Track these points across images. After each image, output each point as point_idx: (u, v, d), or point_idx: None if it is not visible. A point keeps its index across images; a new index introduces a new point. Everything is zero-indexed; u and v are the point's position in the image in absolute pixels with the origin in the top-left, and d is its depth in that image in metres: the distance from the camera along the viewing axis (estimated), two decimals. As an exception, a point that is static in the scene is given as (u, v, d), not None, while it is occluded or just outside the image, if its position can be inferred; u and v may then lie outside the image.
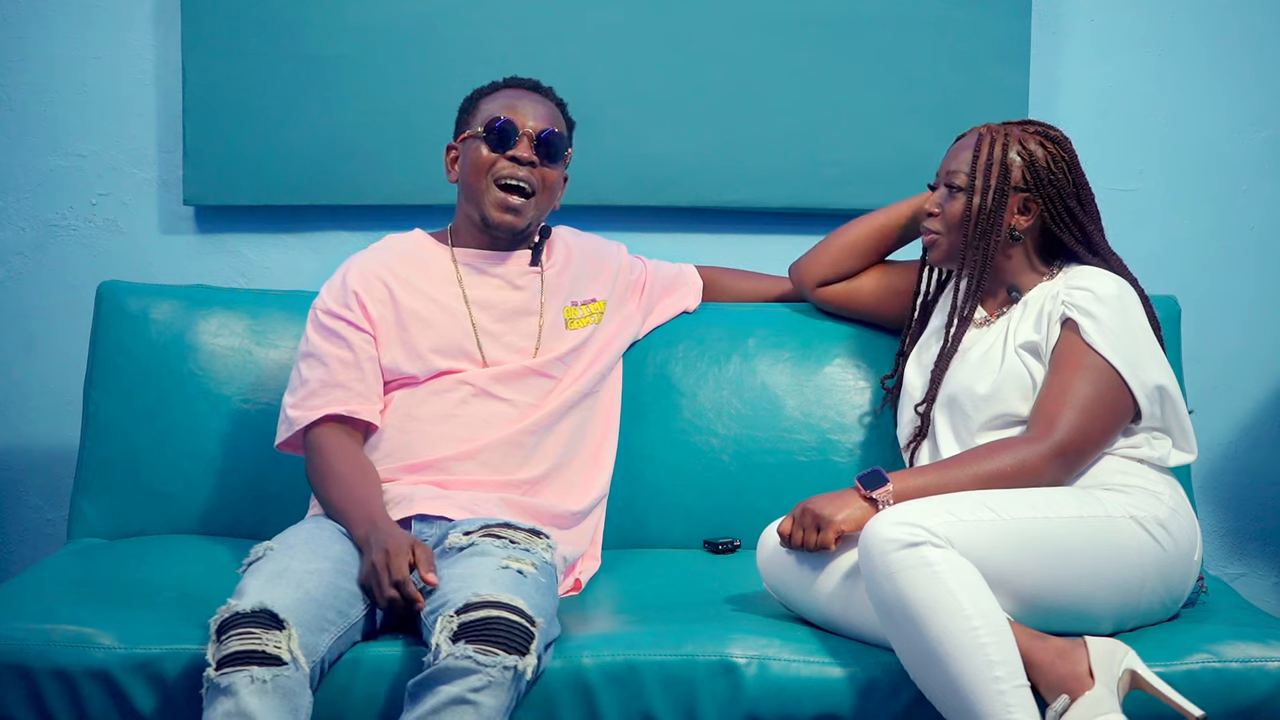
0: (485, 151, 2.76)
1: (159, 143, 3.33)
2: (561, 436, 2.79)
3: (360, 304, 2.75)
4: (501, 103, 2.79)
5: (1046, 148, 2.70)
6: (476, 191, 2.77)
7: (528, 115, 2.77)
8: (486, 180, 2.76)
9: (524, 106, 2.78)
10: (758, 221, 3.37)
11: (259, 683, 2.27)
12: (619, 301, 2.94)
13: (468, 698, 2.27)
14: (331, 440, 2.69)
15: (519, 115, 2.77)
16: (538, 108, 2.79)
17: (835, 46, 3.28)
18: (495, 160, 2.76)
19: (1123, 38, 3.36)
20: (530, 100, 2.80)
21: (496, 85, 2.84)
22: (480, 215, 2.78)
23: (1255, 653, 2.46)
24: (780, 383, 3.03)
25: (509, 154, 2.75)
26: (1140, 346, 2.61)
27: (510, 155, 2.75)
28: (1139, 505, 2.51)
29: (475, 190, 2.78)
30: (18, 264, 3.35)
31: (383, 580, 2.43)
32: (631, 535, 2.97)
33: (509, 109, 2.78)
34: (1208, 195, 3.40)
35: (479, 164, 2.76)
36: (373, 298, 2.76)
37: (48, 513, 3.40)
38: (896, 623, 2.35)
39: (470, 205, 2.80)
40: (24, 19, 3.29)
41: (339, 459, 2.67)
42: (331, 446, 2.69)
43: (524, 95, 2.81)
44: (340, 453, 2.68)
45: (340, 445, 2.69)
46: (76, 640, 2.42)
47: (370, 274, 2.78)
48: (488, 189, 2.76)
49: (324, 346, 2.73)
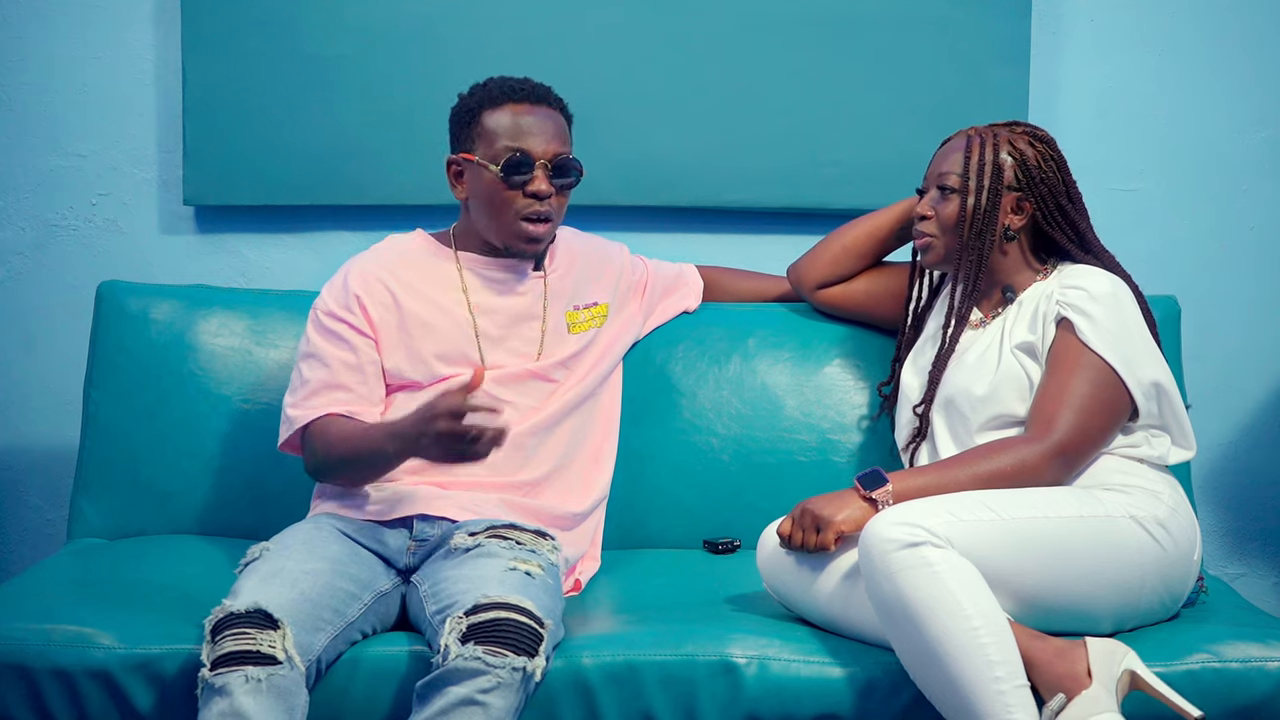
0: (503, 190, 2.71)
1: (159, 143, 3.33)
2: (562, 438, 2.79)
3: (362, 307, 2.73)
4: (509, 123, 2.72)
5: (1036, 147, 2.71)
6: (497, 225, 2.74)
7: (538, 139, 2.71)
8: (508, 215, 2.72)
9: (533, 128, 2.72)
10: (758, 221, 3.37)
11: (254, 682, 2.27)
12: (621, 304, 2.94)
13: (477, 699, 2.27)
14: (330, 423, 2.67)
15: (530, 143, 2.71)
16: (545, 125, 2.73)
17: (835, 46, 3.28)
18: (515, 197, 2.71)
19: (1123, 38, 3.36)
20: (537, 118, 2.73)
21: (494, 95, 2.75)
22: (502, 243, 2.76)
23: (1255, 653, 2.46)
24: (780, 383, 3.03)
25: (528, 190, 2.70)
26: (1136, 344, 2.61)
27: (530, 192, 2.71)
28: (1139, 505, 2.51)
29: (494, 223, 2.74)
30: (18, 264, 3.35)
31: (441, 420, 2.43)
32: (631, 535, 2.97)
33: (518, 134, 2.71)
34: (1208, 195, 3.40)
35: (496, 201, 2.72)
36: (375, 301, 2.74)
37: (48, 513, 3.40)
38: (896, 623, 2.35)
39: (487, 230, 2.76)
40: (24, 19, 3.29)
41: (338, 426, 2.65)
42: (332, 427, 2.66)
43: (529, 112, 2.73)
44: (340, 422, 2.67)
45: (339, 422, 2.67)
46: (76, 640, 2.42)
47: (372, 277, 2.76)
48: (511, 222, 2.73)
49: (325, 347, 2.72)
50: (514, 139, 2.71)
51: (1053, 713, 2.31)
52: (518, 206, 2.72)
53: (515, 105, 2.74)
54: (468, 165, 2.75)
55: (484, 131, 2.73)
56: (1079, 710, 2.29)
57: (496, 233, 2.75)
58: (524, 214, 2.72)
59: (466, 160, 2.75)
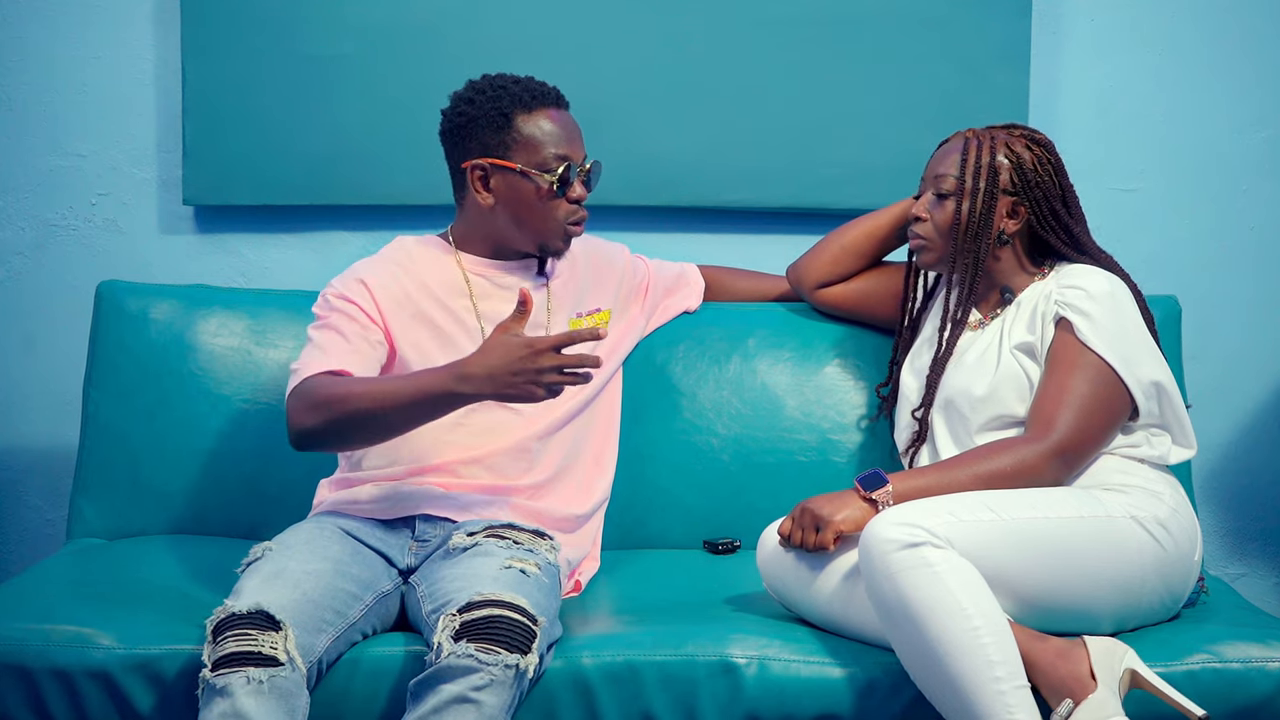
0: (549, 198, 2.69)
1: (159, 143, 3.33)
2: (565, 442, 2.78)
3: (373, 297, 2.69)
4: (552, 131, 2.69)
5: (1033, 150, 2.70)
6: (535, 230, 2.72)
7: (577, 146, 2.72)
8: (554, 222, 2.71)
9: (572, 134, 2.72)
10: (758, 221, 3.37)
11: (255, 683, 2.27)
12: (623, 308, 2.94)
13: (470, 696, 2.27)
14: (342, 377, 2.57)
15: (573, 150, 2.71)
16: (577, 130, 2.73)
17: (835, 46, 3.28)
18: (559, 204, 2.71)
19: (1123, 38, 3.36)
20: (568, 125, 2.72)
21: (523, 99, 2.71)
22: (537, 246, 2.75)
23: (1255, 653, 2.46)
24: (780, 383, 3.03)
25: (572, 197, 2.71)
26: (1134, 343, 2.61)
27: (574, 199, 2.71)
28: (1139, 505, 2.51)
29: (536, 229, 2.72)
30: (18, 264, 3.35)
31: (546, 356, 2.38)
32: (632, 535, 2.97)
33: (561, 142, 2.69)
34: (1208, 195, 3.40)
35: (540, 208, 2.70)
36: (387, 295, 2.70)
37: (48, 513, 3.40)
38: (897, 623, 2.35)
39: (521, 236, 2.74)
40: (24, 19, 3.29)
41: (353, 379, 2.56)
42: (347, 379, 2.56)
43: (559, 118, 2.72)
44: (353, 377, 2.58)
45: (351, 377, 2.57)
46: (76, 640, 2.42)
47: (386, 274, 2.73)
48: (555, 227, 2.72)
49: (334, 318, 2.66)
50: (559, 146, 2.70)
51: (1061, 718, 2.31)
52: (563, 214, 2.72)
53: (548, 110, 2.72)
54: (501, 172, 2.71)
55: (524, 139, 2.69)
56: (1087, 714, 2.29)
57: (535, 237, 2.74)
58: (570, 220, 2.72)
59: (502, 167, 2.70)
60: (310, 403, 2.53)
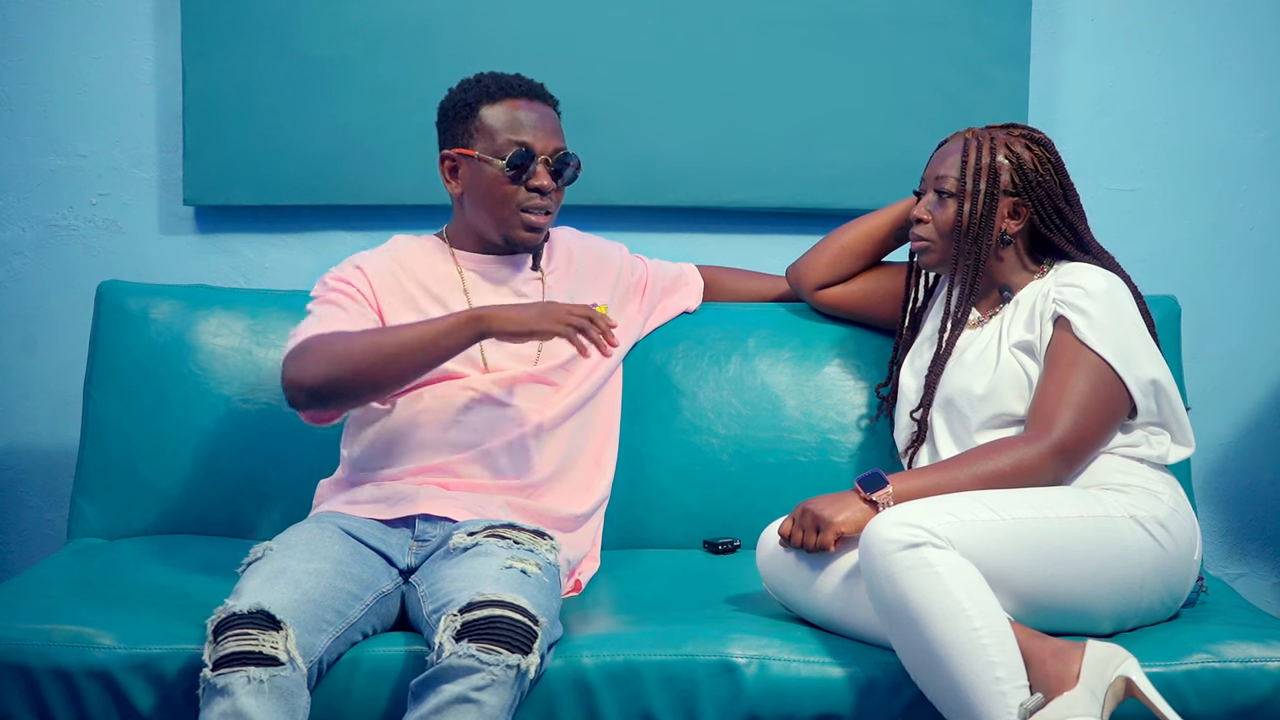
0: (505, 184, 2.72)
1: (159, 143, 3.33)
2: (563, 441, 2.79)
3: (371, 286, 2.72)
4: (510, 118, 2.73)
5: (1033, 150, 2.70)
6: (496, 219, 2.75)
7: (539, 135, 2.73)
8: (509, 208, 2.74)
9: (534, 123, 2.73)
10: (758, 221, 3.37)
11: (255, 683, 2.27)
12: (620, 305, 2.94)
13: (471, 696, 2.27)
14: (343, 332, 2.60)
15: (532, 138, 2.72)
16: (545, 121, 2.75)
17: (835, 46, 3.28)
18: (517, 191, 2.73)
19: (1123, 38, 3.36)
20: (536, 113, 2.75)
21: (491, 90, 2.76)
22: (502, 236, 2.76)
23: (1255, 653, 2.46)
24: (780, 383, 3.03)
25: (531, 185, 2.72)
26: (1133, 341, 2.61)
27: (534, 186, 2.72)
28: (1139, 505, 2.51)
29: (494, 217, 2.75)
30: (18, 264, 3.35)
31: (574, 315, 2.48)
32: (631, 535, 2.97)
33: (520, 129, 2.72)
34: (1208, 195, 3.40)
35: (497, 195, 2.73)
36: (385, 288, 2.74)
37: (48, 513, 3.40)
38: (897, 624, 2.35)
39: (485, 225, 2.77)
40: (24, 19, 3.29)
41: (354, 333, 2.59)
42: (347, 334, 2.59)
43: (527, 107, 2.75)
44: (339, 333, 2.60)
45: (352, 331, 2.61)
46: (76, 640, 2.42)
47: (382, 267, 2.76)
48: (511, 215, 2.74)
49: (332, 296, 2.70)
50: (516, 134, 2.72)
51: (1026, 710, 2.28)
52: (519, 200, 2.73)
53: (513, 100, 2.75)
54: (464, 160, 2.75)
55: (483, 127, 2.74)
56: (1056, 711, 2.27)
57: (496, 227, 2.76)
58: (524, 206, 2.73)
59: (464, 155, 2.75)
60: (312, 357, 2.57)
